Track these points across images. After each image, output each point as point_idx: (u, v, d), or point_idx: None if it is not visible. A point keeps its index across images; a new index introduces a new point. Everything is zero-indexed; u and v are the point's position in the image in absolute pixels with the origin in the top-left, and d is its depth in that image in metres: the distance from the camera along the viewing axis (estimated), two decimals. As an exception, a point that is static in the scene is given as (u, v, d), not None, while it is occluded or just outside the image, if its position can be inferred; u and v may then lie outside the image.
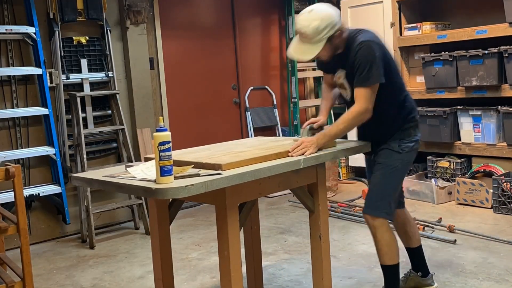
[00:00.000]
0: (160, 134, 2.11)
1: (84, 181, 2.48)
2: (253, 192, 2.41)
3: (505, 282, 3.21)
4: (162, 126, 2.15)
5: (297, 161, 2.44)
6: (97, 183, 2.38)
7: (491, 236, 3.95)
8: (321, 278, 2.74)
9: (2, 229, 3.26)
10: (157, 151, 2.09)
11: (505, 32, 4.69)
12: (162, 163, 2.08)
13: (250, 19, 6.14)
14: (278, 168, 2.36)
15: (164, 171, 2.08)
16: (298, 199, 2.73)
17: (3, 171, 3.24)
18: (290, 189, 2.64)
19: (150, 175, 2.20)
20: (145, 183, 2.12)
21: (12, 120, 4.48)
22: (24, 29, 4.33)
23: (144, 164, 2.34)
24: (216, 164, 2.26)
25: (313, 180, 2.67)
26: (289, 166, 2.41)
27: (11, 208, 3.97)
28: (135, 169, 2.29)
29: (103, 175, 2.38)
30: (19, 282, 3.35)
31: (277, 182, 2.48)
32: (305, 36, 2.61)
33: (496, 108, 4.82)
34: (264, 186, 2.43)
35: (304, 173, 2.59)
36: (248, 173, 2.24)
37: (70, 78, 4.65)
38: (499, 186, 4.55)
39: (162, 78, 5.34)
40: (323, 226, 2.72)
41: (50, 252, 4.35)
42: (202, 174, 2.18)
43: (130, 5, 4.91)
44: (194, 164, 2.29)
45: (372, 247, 3.91)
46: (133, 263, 3.99)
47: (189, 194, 2.03)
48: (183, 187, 2.02)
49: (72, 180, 2.55)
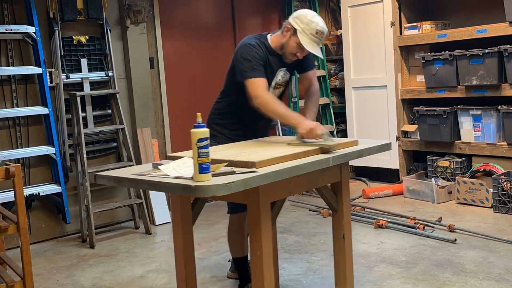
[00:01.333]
0: (198, 131, 2.04)
1: (112, 179, 2.38)
2: (284, 191, 2.39)
3: (505, 281, 3.21)
4: (200, 122, 2.08)
5: (327, 159, 2.41)
6: (127, 182, 2.30)
7: (491, 235, 3.96)
8: (344, 278, 2.73)
9: (2, 228, 3.26)
10: (196, 148, 2.02)
11: (505, 32, 4.69)
12: (200, 160, 2.01)
13: (250, 18, 6.14)
14: (310, 166, 2.33)
15: (202, 168, 2.01)
16: (322, 198, 2.71)
17: (3, 170, 3.24)
18: (315, 188, 2.63)
19: (182, 173, 2.14)
20: (183, 181, 2.05)
21: (12, 120, 4.48)
22: (24, 29, 4.33)
23: (174, 162, 2.27)
24: (249, 162, 2.21)
25: (337, 179, 2.66)
26: (320, 164, 2.38)
27: (11, 207, 3.97)
28: (166, 167, 2.23)
29: (131, 173, 2.31)
30: (19, 281, 3.35)
31: (305, 180, 2.46)
32: (323, 36, 2.85)
33: (496, 108, 4.82)
34: (293, 185, 2.41)
35: (329, 172, 2.58)
36: (284, 170, 2.20)
37: (70, 78, 4.64)
38: (499, 186, 4.55)
39: (162, 77, 5.34)
40: (346, 225, 2.70)
41: (50, 252, 4.35)
42: (238, 172, 2.13)
43: (130, 5, 4.91)
44: (228, 162, 2.24)
45: (372, 246, 3.94)
46: (133, 262, 3.99)
47: (229, 191, 1.97)
48: (224, 184, 1.95)
49: (98, 179, 2.44)
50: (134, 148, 4.99)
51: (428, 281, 3.27)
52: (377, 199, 5.24)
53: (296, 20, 2.83)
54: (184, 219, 2.52)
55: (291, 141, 2.73)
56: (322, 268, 3.60)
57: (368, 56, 5.83)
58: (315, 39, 2.81)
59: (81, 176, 4.57)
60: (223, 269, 3.69)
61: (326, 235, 4.26)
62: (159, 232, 4.75)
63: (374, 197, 5.29)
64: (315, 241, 4.17)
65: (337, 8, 6.36)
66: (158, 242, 4.48)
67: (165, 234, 4.69)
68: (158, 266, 3.86)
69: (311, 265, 3.67)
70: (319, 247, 4.02)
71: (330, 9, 6.55)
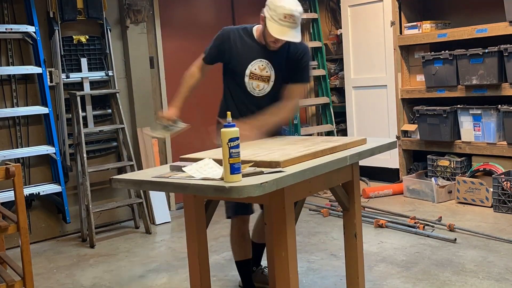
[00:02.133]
0: (229, 130, 1.99)
1: (131, 183, 2.31)
2: (305, 190, 2.38)
3: (505, 280, 3.21)
4: (230, 122, 2.04)
5: (344, 158, 2.39)
6: (149, 185, 2.23)
7: (491, 235, 3.95)
8: (356, 277, 2.73)
9: (2, 228, 3.26)
10: (227, 147, 1.96)
11: (505, 31, 4.69)
12: (232, 161, 1.96)
13: (250, 18, 6.12)
14: (332, 164, 2.31)
15: (234, 168, 1.96)
16: (335, 197, 2.70)
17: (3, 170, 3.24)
18: (329, 188, 2.62)
19: (207, 174, 2.10)
20: (214, 182, 2.00)
21: (12, 119, 4.48)
22: (24, 28, 4.33)
23: (197, 164, 2.22)
24: (273, 161, 2.17)
25: (349, 178, 2.66)
26: (339, 162, 2.37)
27: (11, 207, 3.97)
28: (189, 168, 2.18)
29: (152, 176, 2.25)
30: (19, 281, 3.35)
31: (323, 180, 2.45)
32: (294, 19, 2.67)
33: (496, 107, 4.82)
34: (313, 185, 2.39)
35: (343, 171, 2.57)
36: (309, 170, 2.16)
37: (70, 77, 4.64)
38: (499, 185, 4.55)
39: (162, 77, 5.34)
40: (358, 224, 2.70)
41: (50, 251, 4.35)
42: (266, 172, 2.09)
43: (130, 4, 4.91)
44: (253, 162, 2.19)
45: (373, 245, 3.94)
46: (133, 262, 3.99)
47: (263, 192, 1.92)
48: (258, 185, 1.91)
49: (114, 182, 2.31)
50: (134, 148, 4.99)
51: (428, 281, 3.27)
52: (377, 199, 5.24)
53: (267, 7, 2.74)
54: (198, 222, 2.48)
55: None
56: (322, 268, 3.60)
57: (368, 55, 5.82)
58: (285, 23, 2.66)
59: (81, 176, 4.57)
60: (223, 269, 3.69)
61: (326, 235, 4.26)
62: (159, 231, 4.75)
63: (374, 196, 5.28)
64: (315, 240, 4.17)
65: (337, 7, 6.36)
66: (158, 241, 4.48)
67: (165, 233, 4.69)
68: (158, 266, 3.86)
69: (311, 265, 3.67)
70: (319, 247, 4.02)
71: (330, 8, 6.54)
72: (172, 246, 4.31)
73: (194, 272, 2.52)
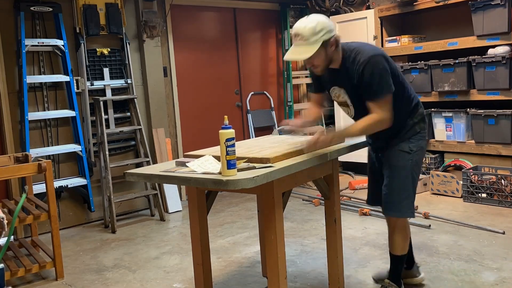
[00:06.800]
0: (226, 131, 2.04)
1: (142, 176, 2.31)
2: (291, 182, 2.39)
3: (473, 261, 3.21)
4: (227, 124, 2.06)
5: (325, 155, 2.42)
6: (157, 178, 2.23)
7: (461, 221, 3.96)
8: (336, 256, 2.75)
9: (35, 216, 3.27)
10: (224, 146, 2.01)
11: (473, 44, 4.69)
12: (228, 157, 2.00)
13: (251, 33, 6.13)
14: (314, 160, 2.35)
15: (230, 164, 2.01)
16: (317, 188, 2.71)
17: (36, 165, 3.25)
18: (313, 180, 2.63)
19: (208, 169, 2.13)
20: (213, 176, 2.03)
21: (44, 121, 4.48)
22: (54, 42, 4.33)
23: (198, 160, 2.26)
24: (264, 158, 2.20)
25: (329, 172, 2.67)
26: (320, 159, 2.39)
27: (43, 198, 3.98)
28: (192, 164, 2.22)
29: (160, 170, 2.27)
30: (50, 262, 3.36)
31: (306, 173, 2.46)
32: (301, 37, 2.33)
33: (466, 110, 4.82)
34: (298, 177, 2.41)
35: (325, 166, 2.59)
36: (294, 165, 2.19)
37: (94, 85, 4.64)
38: (468, 178, 4.55)
39: (174, 84, 5.34)
40: (337, 211, 2.72)
41: (77, 236, 4.36)
42: (257, 167, 2.12)
43: (146, 21, 4.91)
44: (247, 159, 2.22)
45: (358, 231, 3.93)
46: (149, 245, 3.99)
47: (255, 184, 1.96)
48: (251, 178, 1.95)
49: (127, 176, 2.30)
50: (150, 146, 4.99)
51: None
52: (362, 190, 5.24)
53: None
54: (200, 209, 2.51)
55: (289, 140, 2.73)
56: (314, 250, 3.60)
57: (354, 65, 5.81)
58: (296, 43, 2.38)
59: (104, 170, 4.57)
60: (227, 252, 3.69)
61: (317, 222, 4.26)
62: (172, 219, 4.76)
63: (359, 188, 5.28)
64: (307, 227, 4.17)
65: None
66: (171, 227, 4.49)
67: (177, 220, 4.69)
68: (171, 249, 3.87)
69: (304, 248, 3.67)
70: (311, 232, 4.02)
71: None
72: (183, 232, 4.32)
73: (196, 253, 2.56)
